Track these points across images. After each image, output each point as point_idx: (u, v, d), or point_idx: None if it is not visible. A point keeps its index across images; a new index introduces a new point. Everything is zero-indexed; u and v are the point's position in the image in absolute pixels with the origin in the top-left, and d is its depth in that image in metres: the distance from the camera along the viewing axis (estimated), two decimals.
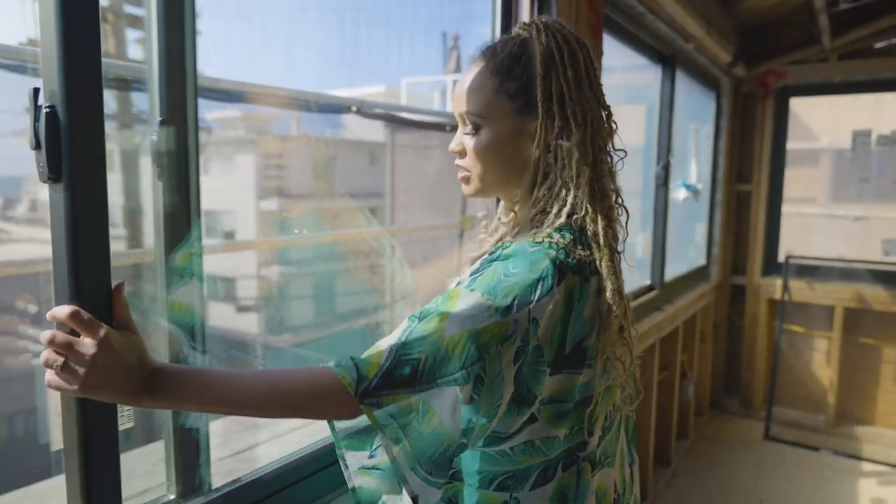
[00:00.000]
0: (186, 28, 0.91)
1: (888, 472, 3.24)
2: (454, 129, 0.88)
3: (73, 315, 0.64)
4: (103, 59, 0.70)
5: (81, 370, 0.62)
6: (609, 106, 0.85)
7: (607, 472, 0.86)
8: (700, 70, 3.32)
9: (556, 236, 0.76)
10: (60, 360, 0.63)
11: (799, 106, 4.00)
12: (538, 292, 0.71)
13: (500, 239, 0.88)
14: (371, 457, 0.80)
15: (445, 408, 0.69)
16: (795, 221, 4.24)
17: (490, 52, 0.84)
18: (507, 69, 0.81)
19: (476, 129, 0.84)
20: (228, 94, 1.78)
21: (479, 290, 0.72)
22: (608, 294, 0.76)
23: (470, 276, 0.76)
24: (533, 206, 0.81)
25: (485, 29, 1.72)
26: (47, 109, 0.68)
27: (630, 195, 0.90)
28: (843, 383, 3.68)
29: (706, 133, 3.63)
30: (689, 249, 3.69)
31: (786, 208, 3.87)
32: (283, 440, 1.81)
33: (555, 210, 0.79)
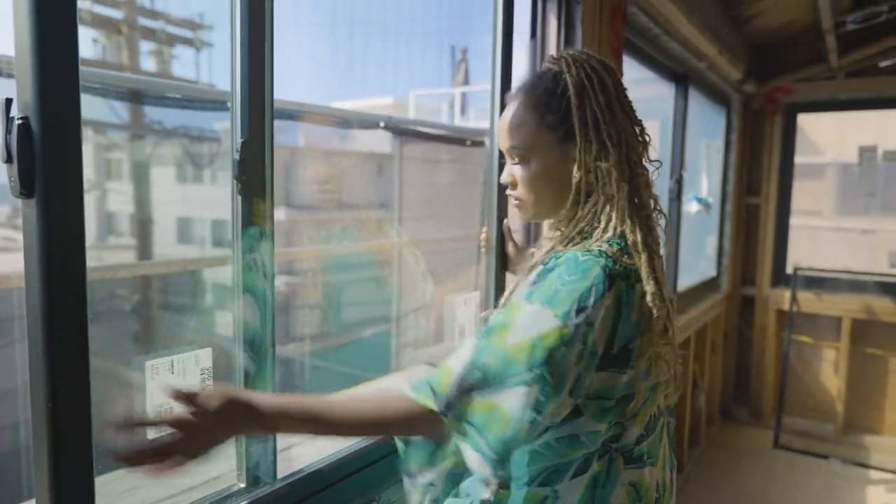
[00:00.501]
0: (266, 56, 1.00)
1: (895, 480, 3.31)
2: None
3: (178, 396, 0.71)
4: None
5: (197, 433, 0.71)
6: (641, 121, 0.93)
7: (652, 470, 0.90)
8: (712, 87, 3.42)
9: (605, 246, 0.84)
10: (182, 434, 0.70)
11: (804, 121, 4.09)
12: (592, 298, 0.78)
13: (551, 250, 0.93)
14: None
15: (515, 408, 0.76)
16: (803, 233, 4.32)
17: (527, 89, 0.92)
18: (546, 103, 0.89)
19: (523, 162, 0.92)
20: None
21: (538, 301, 0.79)
22: (648, 298, 0.83)
23: (528, 287, 0.83)
24: (579, 223, 0.89)
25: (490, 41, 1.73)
26: (20, 121, 0.65)
27: None
28: (851, 393, 3.74)
29: (717, 148, 3.72)
30: (700, 261, 3.77)
31: (793, 220, 3.95)
32: (314, 442, 1.89)
33: (602, 225, 0.87)
